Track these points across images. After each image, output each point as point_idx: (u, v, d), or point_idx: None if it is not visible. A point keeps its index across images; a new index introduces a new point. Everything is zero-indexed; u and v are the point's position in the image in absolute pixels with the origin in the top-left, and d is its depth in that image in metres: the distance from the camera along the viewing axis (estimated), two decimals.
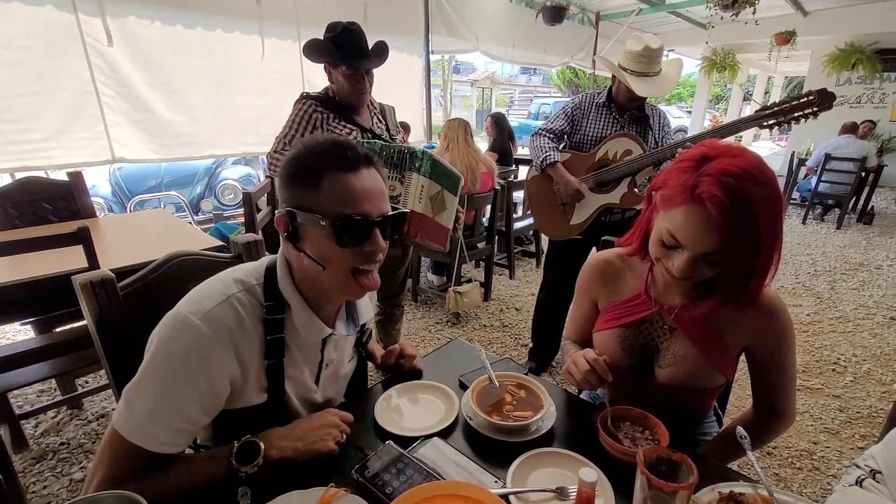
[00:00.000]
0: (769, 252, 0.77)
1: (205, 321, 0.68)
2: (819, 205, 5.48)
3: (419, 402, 0.96)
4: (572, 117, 2.05)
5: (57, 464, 1.77)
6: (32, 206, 2.16)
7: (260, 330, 0.75)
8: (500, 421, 0.84)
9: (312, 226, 0.71)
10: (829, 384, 2.29)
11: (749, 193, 0.70)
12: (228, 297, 0.72)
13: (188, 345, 0.67)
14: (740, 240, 0.72)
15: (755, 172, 0.72)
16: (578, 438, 0.82)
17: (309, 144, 0.73)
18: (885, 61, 7.29)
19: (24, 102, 2.52)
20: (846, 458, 1.81)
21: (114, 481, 0.66)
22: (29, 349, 1.62)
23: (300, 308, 0.77)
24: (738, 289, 0.81)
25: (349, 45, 1.68)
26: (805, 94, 1.56)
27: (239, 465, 0.71)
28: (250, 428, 0.76)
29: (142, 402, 0.67)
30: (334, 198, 0.70)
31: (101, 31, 2.68)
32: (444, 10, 4.39)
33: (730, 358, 0.89)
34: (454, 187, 1.82)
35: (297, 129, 1.78)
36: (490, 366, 0.99)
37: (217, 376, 0.70)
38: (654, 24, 7.54)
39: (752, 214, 0.71)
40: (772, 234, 0.75)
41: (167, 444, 0.69)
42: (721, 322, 0.88)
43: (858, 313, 3.05)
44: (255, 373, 0.75)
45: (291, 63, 3.45)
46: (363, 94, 1.77)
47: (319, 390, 0.88)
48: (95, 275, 0.93)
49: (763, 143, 14.45)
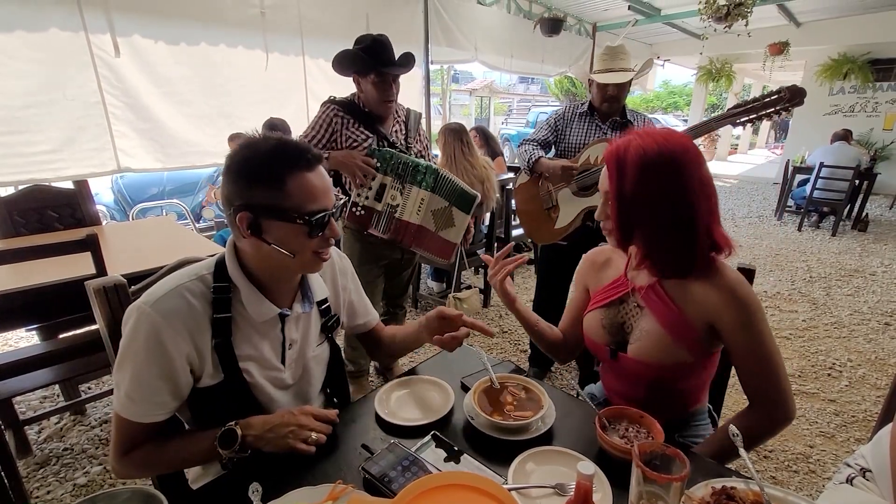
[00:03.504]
0: (670, 209, 0.85)
1: (155, 309, 0.77)
2: (814, 212, 5.54)
3: (417, 395, 1.01)
4: (556, 127, 2.13)
5: (60, 469, 1.78)
6: (38, 214, 2.20)
7: (209, 311, 0.82)
8: (501, 420, 0.87)
9: (280, 221, 0.78)
10: (824, 388, 2.32)
11: (628, 142, 0.85)
12: (177, 287, 0.81)
13: (146, 332, 0.77)
14: (621, 184, 0.86)
15: (650, 134, 0.86)
16: (577, 437, 0.85)
17: (260, 148, 0.78)
18: (877, 71, 7.42)
19: (31, 114, 2.53)
20: (841, 461, 1.82)
21: (122, 449, 0.81)
22: (33, 355, 1.63)
23: (248, 290, 0.84)
24: (675, 259, 0.90)
25: (378, 54, 1.75)
26: (776, 90, 1.61)
27: (221, 448, 0.79)
28: (221, 407, 0.85)
29: (122, 384, 0.78)
30: (301, 197, 0.78)
31: (108, 43, 2.71)
32: (444, 21, 4.46)
33: (694, 334, 0.91)
34: (466, 205, 1.88)
35: (318, 131, 1.84)
36: (491, 368, 1.02)
37: (176, 356, 0.78)
38: (650, 35, 7.66)
39: (628, 160, 0.84)
40: (660, 187, 0.84)
41: (148, 415, 0.79)
42: (683, 299, 0.92)
43: (853, 319, 3.09)
44: (208, 352, 0.82)
45: (295, 73, 3.50)
46: (390, 103, 1.83)
47: (287, 370, 0.93)
48: (108, 280, 0.96)
49: (759, 152, 14.57)
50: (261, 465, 0.81)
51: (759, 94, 1.68)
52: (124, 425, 0.80)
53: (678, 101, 20.73)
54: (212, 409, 0.86)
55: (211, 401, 0.85)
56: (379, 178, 1.79)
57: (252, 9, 3.19)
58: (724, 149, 12.31)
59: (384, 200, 1.81)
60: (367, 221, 1.83)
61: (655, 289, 0.95)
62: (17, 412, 1.82)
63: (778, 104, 1.58)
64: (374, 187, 1.79)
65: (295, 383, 0.96)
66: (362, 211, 1.82)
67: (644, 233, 0.89)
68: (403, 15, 4.12)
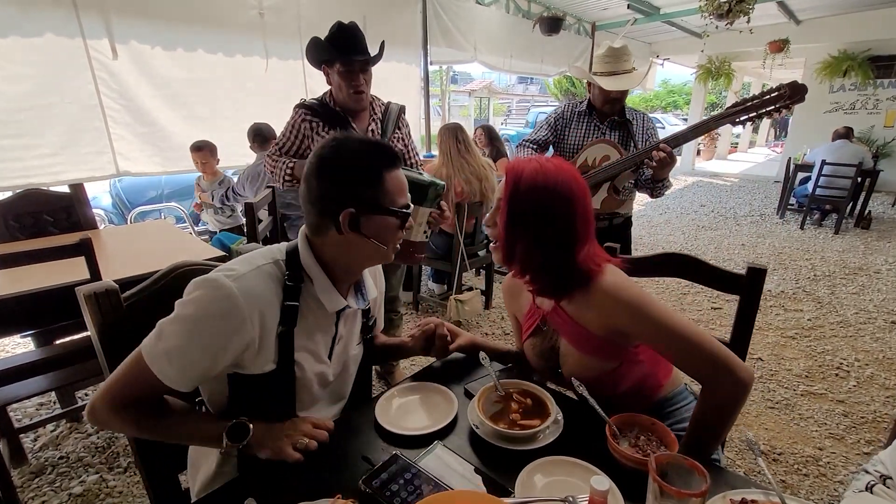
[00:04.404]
0: (552, 228, 0.89)
1: (239, 285, 0.76)
2: (816, 210, 5.50)
3: (418, 403, 0.98)
4: (555, 127, 2.09)
5: (56, 478, 1.75)
6: (33, 219, 2.17)
7: (281, 297, 0.83)
8: (506, 429, 0.83)
9: (379, 216, 0.83)
10: (832, 389, 2.28)
11: (529, 161, 0.91)
12: (260, 267, 0.82)
13: (221, 306, 0.75)
14: (515, 195, 0.89)
15: (550, 161, 0.92)
16: (586, 446, 0.82)
17: (355, 148, 0.83)
18: (878, 68, 7.38)
19: (29, 118, 2.50)
20: (852, 464, 1.79)
21: (120, 400, 0.77)
22: (29, 362, 1.61)
23: (323, 281, 0.86)
24: (552, 278, 0.93)
25: (344, 40, 1.67)
26: (776, 87, 1.57)
27: (229, 439, 0.79)
28: (260, 395, 0.85)
29: (167, 339, 0.75)
30: (394, 191, 0.84)
31: (106, 46, 2.68)
32: (443, 22, 4.44)
33: (603, 345, 0.93)
34: (420, 196, 1.55)
35: (289, 139, 1.80)
36: (494, 374, 0.99)
37: (235, 340, 0.77)
38: (650, 34, 7.64)
39: (525, 175, 0.89)
40: (548, 207, 0.88)
41: (174, 381, 0.76)
42: (581, 316, 0.94)
43: (859, 318, 3.05)
44: (272, 340, 0.82)
45: (294, 75, 3.48)
46: (359, 95, 1.72)
47: (331, 366, 0.94)
48: (99, 286, 0.92)
49: (759, 150, 14.54)
50: (257, 478, 0.77)
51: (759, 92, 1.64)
52: (141, 371, 0.76)
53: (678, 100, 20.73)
54: (251, 393, 0.85)
55: (251, 386, 0.84)
56: None
57: (251, 10, 3.17)
58: (724, 147, 12.28)
59: None
60: None
61: (558, 311, 0.98)
62: (13, 420, 1.79)
63: (778, 101, 1.55)
64: None
65: (334, 380, 0.97)
66: None
67: (525, 247, 0.91)
68: (402, 16, 4.10)
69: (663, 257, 1.23)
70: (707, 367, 0.83)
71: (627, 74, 1.93)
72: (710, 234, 5.19)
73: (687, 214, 6.18)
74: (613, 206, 1.94)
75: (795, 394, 2.25)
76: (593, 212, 0.95)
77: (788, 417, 2.08)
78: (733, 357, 0.82)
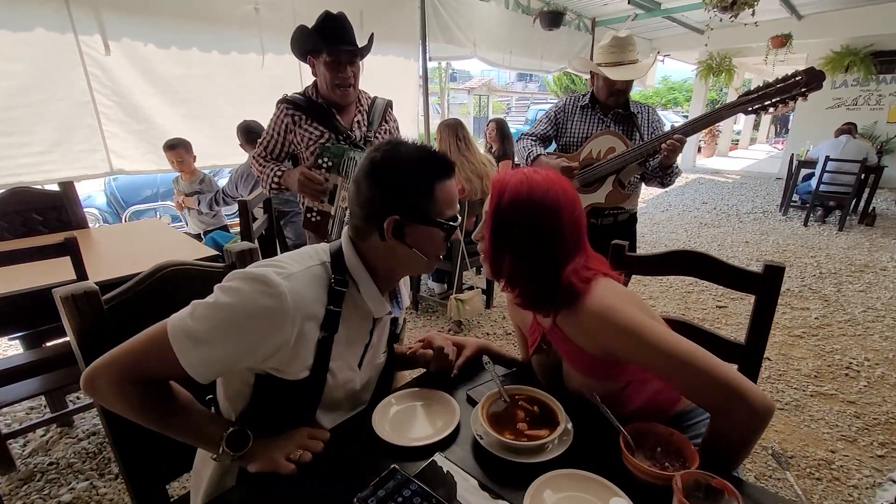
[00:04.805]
0: (538, 239, 0.84)
1: (289, 283, 0.73)
2: (820, 207, 5.45)
3: (418, 411, 0.92)
4: (556, 120, 2.04)
5: (45, 485, 1.69)
6: (22, 218, 2.11)
7: (325, 301, 0.79)
8: (513, 440, 0.78)
9: (425, 226, 0.81)
10: (842, 389, 2.23)
11: (516, 173, 0.88)
12: (310, 268, 0.79)
13: (267, 306, 0.71)
14: (499, 206, 0.86)
15: (537, 171, 0.88)
16: (599, 458, 0.76)
17: (408, 156, 0.80)
18: (880, 63, 7.31)
19: (19, 115, 2.44)
20: (866, 468, 1.74)
21: (132, 373, 0.71)
22: (17, 365, 1.56)
23: (369, 286, 0.84)
24: (539, 295, 0.89)
25: (331, 30, 1.59)
26: (792, 74, 1.51)
27: (227, 446, 0.75)
28: (286, 400, 0.81)
29: (198, 322, 0.70)
30: (444, 203, 0.81)
31: (98, 41, 2.62)
32: (441, 17, 4.37)
33: (601, 363, 0.86)
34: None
35: (273, 136, 1.73)
36: (499, 378, 0.93)
37: (270, 342, 0.73)
38: (650, 30, 7.57)
39: (509, 186, 0.85)
40: (508, 227, 0.85)
41: (193, 367, 0.71)
42: (576, 334, 0.87)
43: (867, 316, 3.00)
44: (310, 345, 0.78)
45: (290, 71, 3.41)
46: (346, 88, 1.64)
47: (360, 374, 0.90)
48: (78, 287, 0.87)
49: (759, 147, 14.47)
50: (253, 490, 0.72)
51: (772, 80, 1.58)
52: (161, 345, 0.70)
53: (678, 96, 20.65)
54: (276, 397, 0.81)
55: (278, 390, 0.80)
56: (332, 177, 1.63)
57: (246, 5, 3.10)
58: (725, 144, 12.21)
59: (336, 203, 1.65)
60: (325, 227, 1.68)
61: (554, 329, 0.91)
62: (2, 424, 1.74)
63: (794, 88, 1.49)
64: (329, 188, 1.64)
65: (360, 389, 0.93)
66: (318, 217, 1.68)
67: (511, 261, 0.88)
68: (400, 11, 4.03)
69: (674, 255, 1.18)
70: (718, 396, 0.73)
71: (633, 65, 1.87)
72: (713, 232, 5.14)
73: (689, 212, 6.13)
74: (619, 200, 1.88)
75: (805, 394, 2.20)
76: (596, 209, 0.89)
77: (798, 419, 2.03)
78: (748, 385, 0.72)
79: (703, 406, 0.78)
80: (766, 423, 0.72)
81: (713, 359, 0.74)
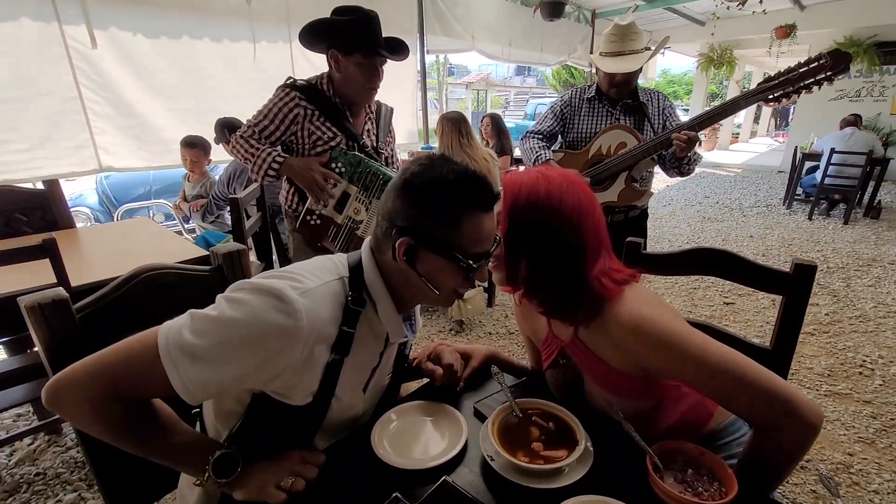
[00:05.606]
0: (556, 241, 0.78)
1: (307, 301, 0.66)
2: (825, 200, 5.37)
3: (421, 427, 0.84)
4: (562, 116, 1.94)
5: (31, 497, 1.62)
6: (5, 218, 2.03)
7: (339, 321, 0.72)
8: (527, 463, 0.70)
9: (441, 257, 0.71)
10: (857, 388, 2.16)
11: (529, 172, 0.83)
12: (327, 283, 0.72)
13: (280, 324, 0.63)
14: (514, 209, 0.80)
15: (551, 170, 0.83)
16: (623, 482, 0.69)
17: (446, 176, 0.71)
18: (884, 54, 7.21)
19: (3, 110, 2.34)
20: (886, 471, 1.67)
21: (109, 377, 0.61)
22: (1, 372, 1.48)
23: (388, 307, 0.76)
24: (563, 303, 0.82)
25: (370, 30, 1.46)
26: (815, 57, 1.42)
27: (213, 472, 0.67)
28: (282, 423, 0.74)
29: (197, 337, 0.62)
30: (471, 238, 0.71)
31: (84, 34, 2.53)
32: (439, 9, 4.27)
33: (627, 379, 0.79)
34: None
35: (273, 122, 1.56)
36: (509, 391, 0.85)
37: (279, 362, 0.65)
38: (651, 21, 7.46)
39: (524, 188, 0.80)
40: (525, 230, 0.78)
41: (184, 387, 0.62)
42: (602, 349, 0.81)
43: (878, 311, 2.93)
44: (317, 369, 0.70)
45: (282, 64, 3.32)
46: (374, 91, 1.57)
47: (364, 400, 0.84)
48: (45, 295, 0.79)
49: (760, 140, 14.38)
50: None
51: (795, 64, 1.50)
52: (146, 368, 0.61)
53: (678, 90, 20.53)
54: (276, 422, 0.74)
55: (280, 415, 0.72)
56: (343, 184, 1.53)
57: None
58: (725, 138, 12.12)
59: (345, 212, 1.56)
60: (323, 233, 1.58)
61: (576, 342, 0.84)
62: None
63: (819, 73, 1.41)
64: (336, 194, 1.54)
65: (362, 414, 0.86)
66: (318, 220, 1.57)
67: (530, 263, 0.81)
68: (397, 2, 3.93)
69: (695, 253, 1.10)
70: (768, 409, 0.67)
71: (634, 55, 1.77)
72: (717, 226, 5.06)
73: (691, 206, 6.05)
74: (633, 197, 1.80)
75: (819, 394, 2.13)
76: (608, 207, 0.82)
77: None
78: (800, 395, 0.67)
79: (749, 420, 0.72)
80: (816, 436, 0.66)
81: (760, 368, 0.68)
